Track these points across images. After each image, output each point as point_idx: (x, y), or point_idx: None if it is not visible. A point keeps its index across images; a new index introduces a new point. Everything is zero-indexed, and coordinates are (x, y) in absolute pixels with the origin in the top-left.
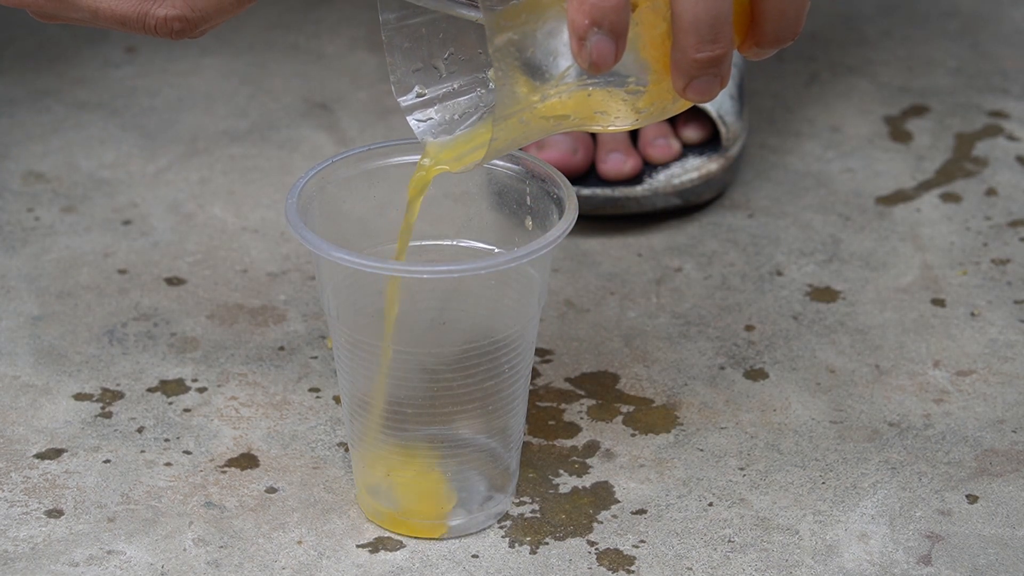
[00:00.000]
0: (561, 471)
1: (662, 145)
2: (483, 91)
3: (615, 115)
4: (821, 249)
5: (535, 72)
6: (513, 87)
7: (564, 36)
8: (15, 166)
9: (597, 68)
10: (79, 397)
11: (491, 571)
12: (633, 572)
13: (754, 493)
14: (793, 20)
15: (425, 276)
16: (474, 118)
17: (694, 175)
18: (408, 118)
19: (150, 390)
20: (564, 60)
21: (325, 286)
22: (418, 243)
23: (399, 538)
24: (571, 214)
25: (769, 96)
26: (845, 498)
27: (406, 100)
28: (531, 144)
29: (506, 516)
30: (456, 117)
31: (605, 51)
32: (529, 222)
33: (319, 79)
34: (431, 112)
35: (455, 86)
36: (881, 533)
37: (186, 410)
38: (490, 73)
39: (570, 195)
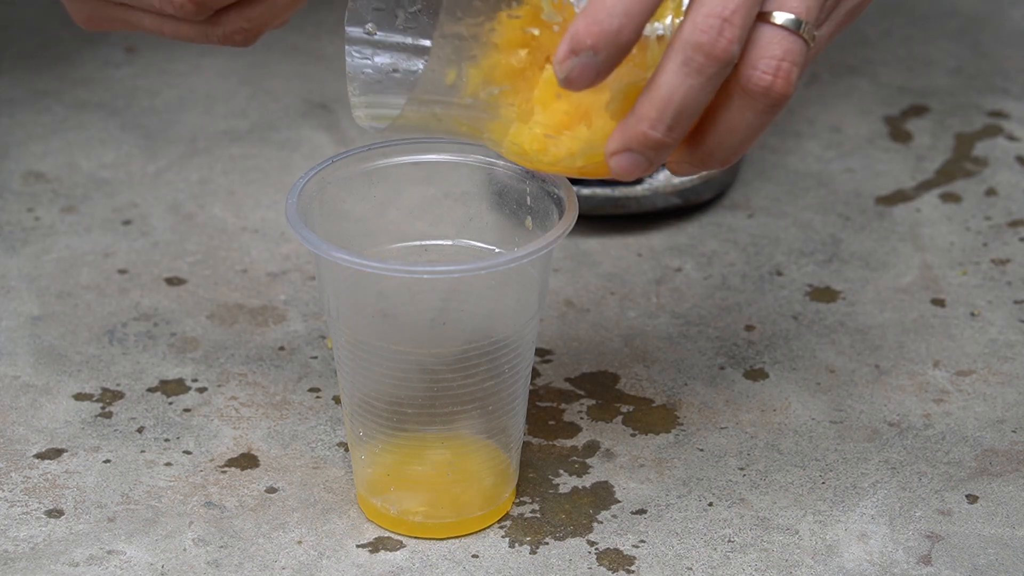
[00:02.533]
0: (561, 471)
1: None
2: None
3: (511, 150)
4: (821, 249)
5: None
6: (441, 77)
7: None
8: (15, 166)
9: (569, 84)
10: (79, 397)
11: (491, 571)
12: (633, 572)
13: (754, 493)
14: (737, 142)
15: (425, 276)
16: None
17: (694, 175)
18: (347, 47)
19: (150, 390)
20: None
21: (325, 286)
22: (418, 243)
23: (399, 538)
24: (571, 214)
25: None
26: (845, 498)
27: (353, 31)
28: None
29: (506, 516)
30: (393, 72)
31: (587, 75)
32: (529, 222)
33: (319, 79)
34: (371, 53)
35: (406, 41)
36: (881, 533)
37: (186, 410)
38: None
39: (570, 195)
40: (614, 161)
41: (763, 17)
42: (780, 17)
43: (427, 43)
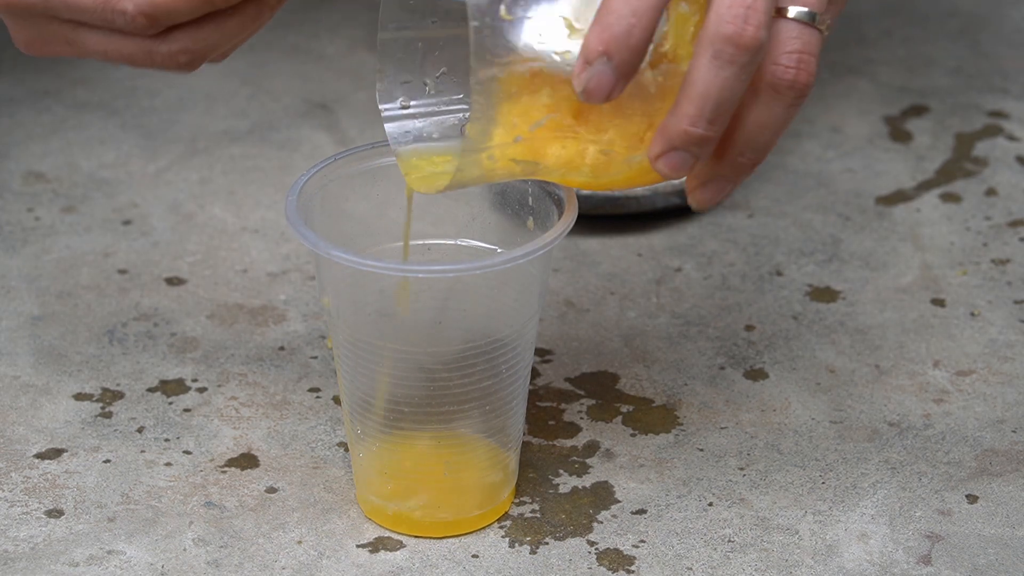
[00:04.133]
0: (561, 471)
1: None
2: (467, 115)
3: (578, 173)
4: (821, 249)
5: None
6: (485, 124)
7: (550, 82)
8: (15, 166)
9: (588, 96)
10: (79, 397)
11: (491, 571)
12: (633, 572)
13: (754, 493)
14: (767, 139)
15: (422, 276)
16: (451, 140)
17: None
18: (386, 125)
19: (150, 390)
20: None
21: (325, 285)
22: (420, 242)
23: (399, 538)
24: (570, 214)
25: None
26: (845, 498)
27: (389, 109)
28: None
29: (506, 516)
30: (435, 135)
31: (604, 84)
32: (531, 222)
33: (319, 79)
34: (410, 124)
35: (440, 105)
36: (881, 533)
37: (186, 410)
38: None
39: (570, 195)
40: (661, 163)
41: (779, 12)
42: (794, 11)
43: (459, 99)
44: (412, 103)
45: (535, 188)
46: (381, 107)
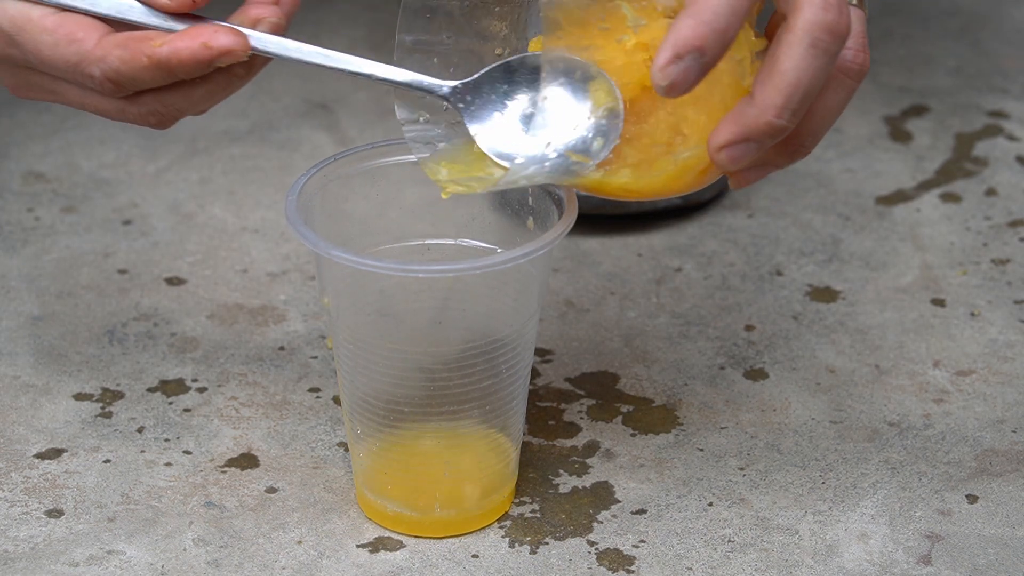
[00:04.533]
0: (561, 471)
1: None
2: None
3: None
4: (821, 249)
5: (505, 158)
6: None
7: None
8: (15, 166)
9: (671, 90)
10: (79, 397)
11: (491, 571)
12: (633, 572)
13: (754, 493)
14: (829, 123)
15: (421, 275)
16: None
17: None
18: (406, 133)
19: (150, 390)
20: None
21: (325, 285)
22: (419, 242)
23: (399, 538)
24: (570, 215)
25: None
26: (845, 498)
27: (410, 126)
28: None
29: (506, 516)
30: (458, 142)
31: (690, 79)
32: (531, 222)
33: (319, 79)
34: (430, 133)
35: (459, 118)
36: (881, 533)
37: (186, 410)
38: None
39: (570, 195)
40: (724, 153)
41: None
42: None
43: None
44: (432, 116)
45: (535, 188)
46: (401, 119)
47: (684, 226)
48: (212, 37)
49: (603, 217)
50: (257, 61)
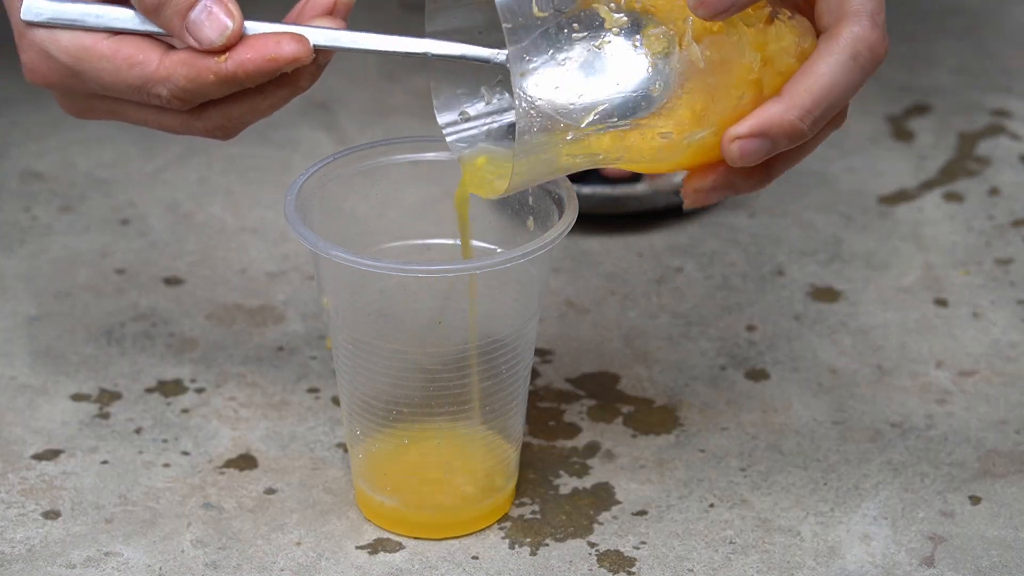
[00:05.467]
0: (561, 472)
1: None
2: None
3: (641, 159)
4: (823, 249)
5: (563, 112)
6: (537, 131)
7: (596, 71)
8: (12, 165)
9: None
10: (77, 398)
11: (491, 572)
12: (634, 573)
13: (755, 494)
14: (808, 152)
15: (421, 275)
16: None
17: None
18: (445, 134)
19: (148, 391)
20: (596, 95)
21: (324, 285)
22: (419, 242)
23: (398, 539)
24: (570, 214)
25: None
26: (847, 499)
27: (449, 123)
28: None
29: (506, 517)
30: (497, 135)
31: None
32: (531, 222)
33: (319, 79)
34: (470, 127)
35: (499, 106)
36: (883, 534)
37: (184, 411)
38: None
39: (570, 195)
40: (736, 146)
41: None
42: None
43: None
44: (471, 111)
45: (535, 188)
46: (440, 120)
47: (685, 226)
48: (276, 49)
49: (603, 217)
50: (322, 61)
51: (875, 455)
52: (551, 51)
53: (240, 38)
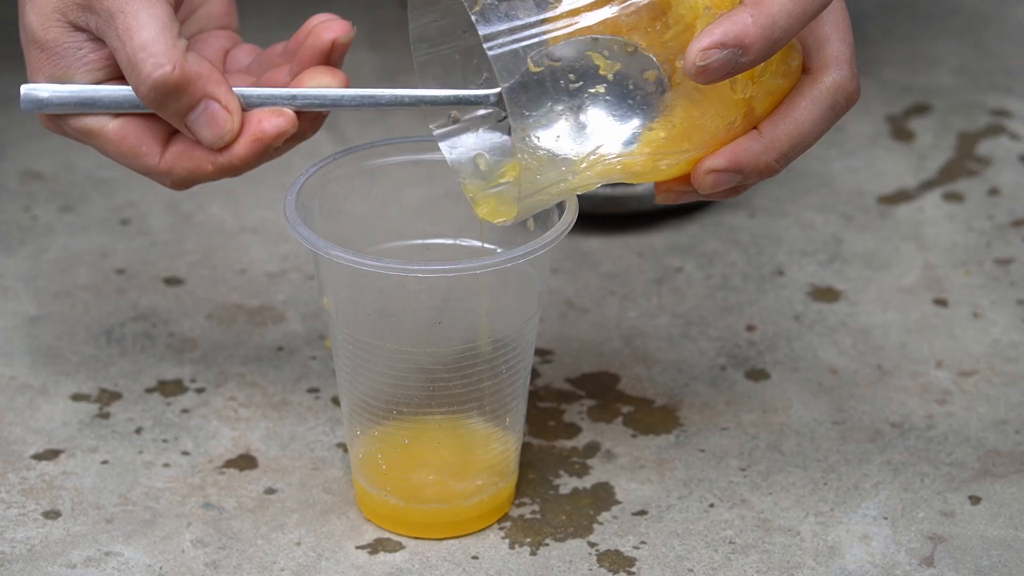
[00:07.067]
0: (561, 472)
1: None
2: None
3: (637, 178)
4: (823, 249)
5: (563, 160)
6: (537, 174)
7: (594, 118)
8: (12, 165)
9: (701, 74)
10: (77, 398)
11: (491, 572)
12: (634, 573)
13: (755, 494)
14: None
15: (420, 275)
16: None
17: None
18: (440, 144)
19: (148, 390)
20: (595, 140)
21: (324, 285)
22: (419, 242)
23: (398, 539)
24: (570, 214)
25: None
26: (847, 499)
27: (440, 127)
28: None
29: (506, 517)
30: (487, 149)
31: (721, 71)
32: (531, 222)
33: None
34: (462, 138)
35: (490, 109)
36: (883, 534)
37: (184, 411)
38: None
39: (570, 195)
40: (712, 178)
41: None
42: None
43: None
44: (462, 115)
45: None
46: (432, 127)
47: (685, 226)
48: (258, 129)
49: (603, 217)
50: (320, 116)
51: (875, 455)
52: (549, 103)
53: (239, 133)
